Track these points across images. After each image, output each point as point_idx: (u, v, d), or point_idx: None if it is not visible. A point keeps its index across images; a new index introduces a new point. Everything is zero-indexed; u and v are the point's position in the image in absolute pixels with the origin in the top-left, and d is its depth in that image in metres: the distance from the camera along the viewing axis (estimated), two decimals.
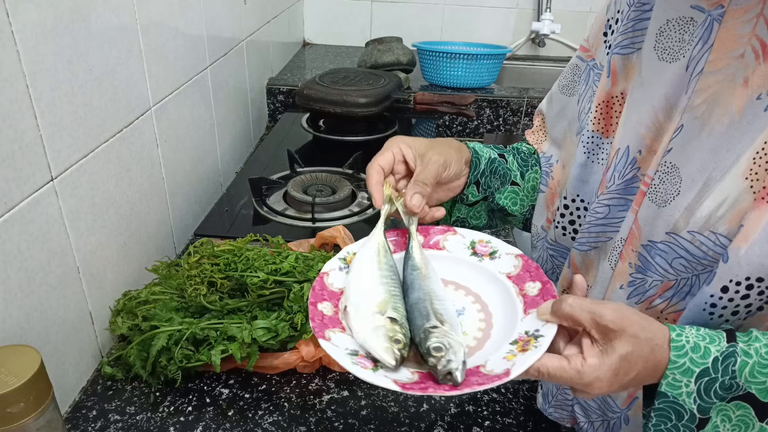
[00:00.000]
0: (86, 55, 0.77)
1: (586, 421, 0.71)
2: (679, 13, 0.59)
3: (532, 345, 0.52)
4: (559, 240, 0.77)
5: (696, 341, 0.50)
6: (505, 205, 0.79)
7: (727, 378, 0.48)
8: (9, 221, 0.63)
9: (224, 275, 0.85)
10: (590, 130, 0.70)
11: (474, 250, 0.66)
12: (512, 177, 0.79)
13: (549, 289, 0.58)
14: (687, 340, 0.50)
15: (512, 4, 2.23)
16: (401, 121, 1.61)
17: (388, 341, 0.52)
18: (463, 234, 0.67)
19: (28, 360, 0.59)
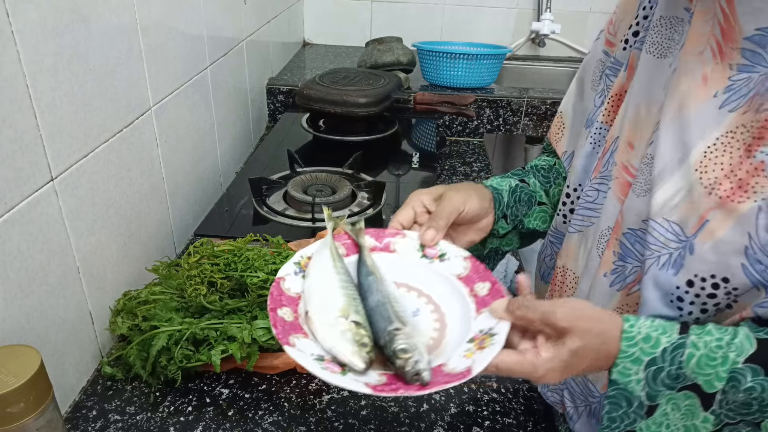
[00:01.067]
0: (86, 55, 0.77)
1: (572, 406, 0.72)
2: (673, 12, 0.61)
3: (489, 342, 0.54)
4: (559, 227, 0.79)
5: (648, 332, 0.52)
6: (535, 227, 0.81)
7: (674, 368, 0.51)
8: (9, 221, 0.63)
9: (224, 275, 0.85)
10: (599, 122, 0.72)
11: (424, 252, 0.67)
12: (538, 198, 0.81)
13: (498, 288, 0.60)
14: (639, 331, 0.52)
15: (512, 4, 2.23)
16: (401, 121, 1.61)
17: (355, 345, 0.53)
18: (413, 237, 0.68)
19: (28, 360, 0.59)
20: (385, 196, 1.18)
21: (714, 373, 0.50)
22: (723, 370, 0.50)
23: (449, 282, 0.63)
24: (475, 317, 0.58)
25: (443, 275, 0.64)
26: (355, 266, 0.64)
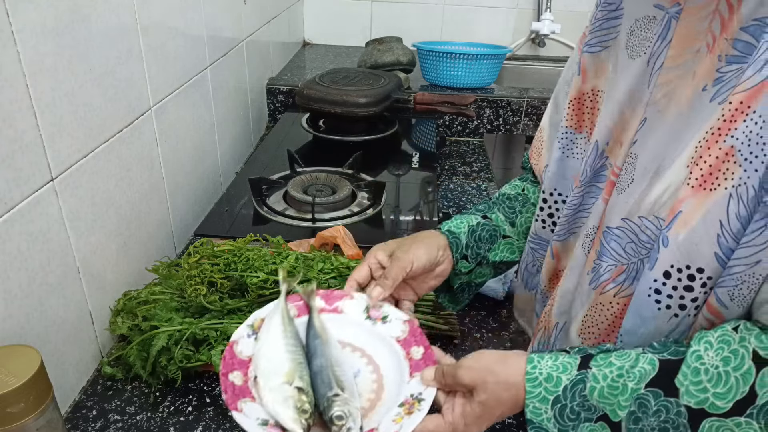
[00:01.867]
0: (86, 55, 0.77)
1: None
2: (644, 13, 0.62)
3: (416, 408, 0.59)
4: (539, 233, 0.79)
5: (549, 372, 0.55)
6: (503, 258, 0.82)
7: (576, 404, 0.53)
8: (9, 221, 0.63)
9: (224, 275, 0.85)
10: (564, 126, 0.74)
11: (369, 314, 0.71)
12: (501, 232, 0.82)
13: (430, 354, 0.65)
14: (540, 372, 0.56)
15: (512, 4, 2.23)
16: (401, 121, 1.61)
17: (296, 412, 0.58)
18: (360, 298, 0.72)
19: (28, 360, 0.59)
20: (385, 196, 1.18)
21: (616, 402, 0.52)
22: (623, 399, 0.52)
23: (388, 344, 0.68)
24: (408, 381, 0.63)
25: (383, 337, 0.69)
26: (305, 327, 0.68)
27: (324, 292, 0.73)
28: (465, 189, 1.43)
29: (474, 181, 1.48)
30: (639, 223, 0.59)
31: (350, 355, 0.67)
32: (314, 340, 0.65)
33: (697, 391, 0.49)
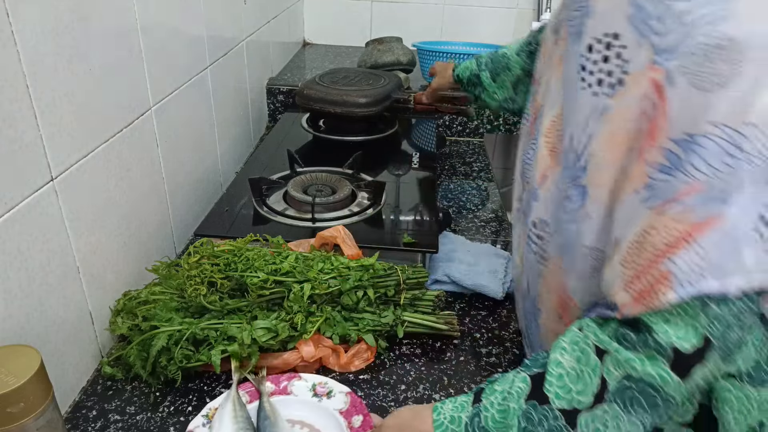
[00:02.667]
0: (86, 55, 0.77)
1: None
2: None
3: None
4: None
5: (451, 414, 0.62)
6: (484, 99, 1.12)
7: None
8: (9, 221, 0.63)
9: (224, 275, 0.85)
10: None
11: (315, 391, 0.78)
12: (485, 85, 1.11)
13: (368, 420, 0.73)
14: (444, 417, 0.62)
15: (512, 4, 2.23)
16: (401, 121, 1.61)
17: None
18: (306, 378, 0.80)
19: (28, 360, 0.59)
20: (385, 196, 1.18)
21: (508, 424, 0.58)
22: (510, 419, 0.58)
23: (333, 417, 0.74)
24: None
25: (328, 411, 0.75)
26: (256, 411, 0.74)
27: (273, 376, 0.80)
28: (465, 189, 1.43)
29: (474, 181, 1.48)
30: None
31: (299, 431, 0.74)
32: (264, 422, 0.72)
33: (564, 394, 0.56)
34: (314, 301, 0.86)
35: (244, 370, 0.79)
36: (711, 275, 0.49)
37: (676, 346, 0.51)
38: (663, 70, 0.50)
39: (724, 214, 0.48)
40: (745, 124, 0.47)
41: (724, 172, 0.48)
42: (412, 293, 0.91)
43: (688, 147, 0.49)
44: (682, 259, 0.49)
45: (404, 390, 0.82)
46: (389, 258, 0.95)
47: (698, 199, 0.49)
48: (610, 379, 0.54)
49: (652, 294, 0.51)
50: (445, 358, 0.88)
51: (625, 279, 0.54)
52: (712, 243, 0.48)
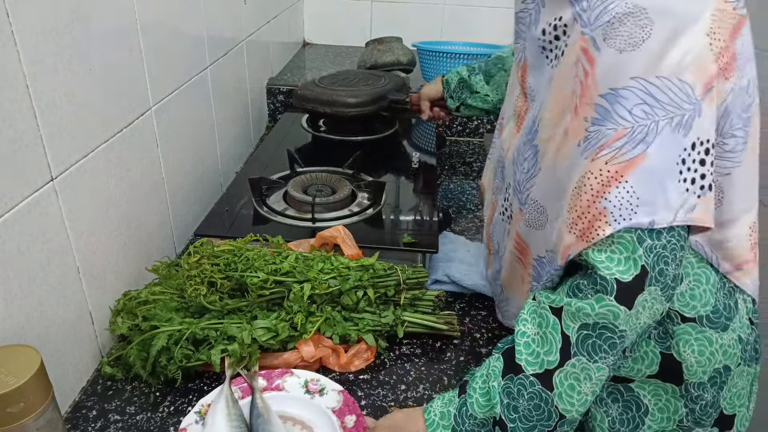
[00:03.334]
0: (86, 55, 0.77)
1: None
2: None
3: None
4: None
5: (441, 411, 0.67)
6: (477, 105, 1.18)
7: (468, 425, 0.64)
8: (9, 221, 0.63)
9: (224, 275, 0.85)
10: None
11: (307, 388, 0.78)
12: (475, 89, 1.17)
13: (361, 421, 0.73)
14: (435, 414, 0.67)
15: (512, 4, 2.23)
16: (401, 121, 1.61)
17: None
18: (299, 375, 0.80)
19: (28, 360, 0.59)
20: (385, 196, 1.18)
21: (490, 405, 0.63)
22: (493, 398, 0.63)
23: (325, 415, 0.75)
24: None
25: (321, 408, 0.75)
26: (249, 407, 0.74)
27: (266, 372, 0.80)
28: (465, 189, 1.43)
29: (474, 181, 1.48)
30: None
31: (291, 428, 0.74)
32: (257, 419, 0.72)
33: (533, 359, 0.61)
34: (314, 301, 0.86)
35: (237, 366, 0.79)
36: (641, 210, 0.56)
37: (617, 277, 0.57)
38: (589, 38, 0.59)
39: (647, 154, 0.56)
40: (657, 77, 0.55)
41: (642, 117, 0.56)
42: (412, 293, 0.91)
43: (613, 99, 0.57)
44: (615, 197, 0.57)
45: (404, 390, 0.82)
46: (389, 258, 0.95)
47: (624, 142, 0.56)
48: (570, 333, 0.60)
49: (592, 231, 0.58)
50: (445, 358, 0.88)
51: (568, 222, 0.61)
52: (638, 180, 0.56)
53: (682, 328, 0.65)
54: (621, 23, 0.56)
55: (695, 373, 0.66)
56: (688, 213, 0.57)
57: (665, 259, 0.57)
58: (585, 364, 0.59)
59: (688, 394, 0.67)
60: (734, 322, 0.66)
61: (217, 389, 0.77)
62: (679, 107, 0.55)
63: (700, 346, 0.65)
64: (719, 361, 0.66)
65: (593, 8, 0.59)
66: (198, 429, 0.72)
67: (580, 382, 0.59)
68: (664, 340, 0.66)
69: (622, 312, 0.57)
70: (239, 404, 0.74)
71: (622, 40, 0.56)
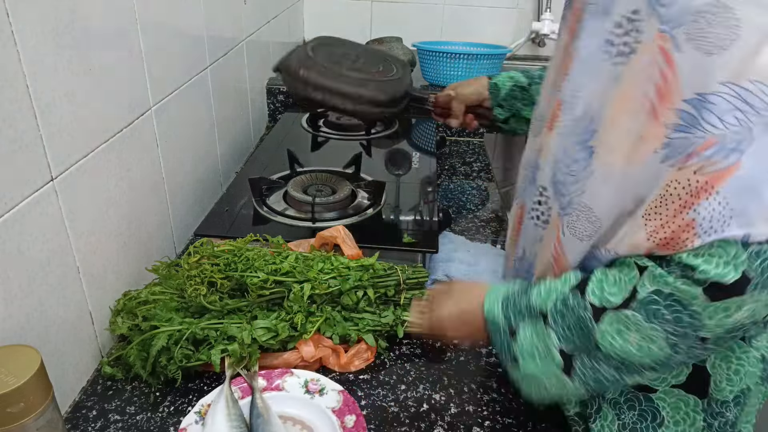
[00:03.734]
0: (86, 55, 0.77)
1: None
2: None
3: None
4: None
5: (504, 288, 0.70)
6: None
7: (520, 302, 0.67)
8: (9, 221, 0.63)
9: (224, 275, 0.85)
10: None
11: (307, 388, 0.78)
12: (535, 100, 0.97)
13: (361, 421, 0.73)
14: (498, 288, 0.71)
15: (512, 4, 2.23)
16: (401, 121, 1.61)
17: None
18: (299, 375, 0.80)
19: (28, 360, 0.59)
20: (385, 196, 1.18)
21: (549, 299, 0.65)
22: (552, 294, 0.65)
23: (325, 415, 0.74)
24: None
25: (321, 408, 0.75)
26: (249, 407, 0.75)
27: (266, 372, 0.80)
28: (465, 189, 1.43)
29: (474, 181, 1.48)
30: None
31: (291, 429, 0.74)
32: (257, 419, 0.72)
33: (598, 292, 0.61)
34: (314, 301, 0.86)
35: (237, 365, 0.80)
36: (735, 222, 0.52)
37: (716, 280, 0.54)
38: (669, 38, 0.54)
39: (741, 162, 0.52)
40: (749, 81, 0.51)
41: (735, 125, 0.52)
42: (412, 293, 0.91)
43: (700, 106, 0.53)
44: (706, 208, 0.53)
45: (404, 390, 0.82)
46: (389, 258, 0.95)
47: (715, 151, 0.53)
48: (642, 291, 0.58)
49: (678, 242, 0.55)
50: (445, 358, 0.88)
51: (648, 230, 0.57)
52: (731, 191, 0.52)
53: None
54: (707, 23, 0.52)
55: (722, 389, 0.63)
56: None
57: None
58: (639, 321, 0.58)
59: (710, 409, 0.65)
60: (758, 340, 0.64)
61: (217, 389, 0.77)
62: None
63: (738, 364, 0.63)
64: (745, 382, 0.64)
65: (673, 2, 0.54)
66: (198, 429, 0.72)
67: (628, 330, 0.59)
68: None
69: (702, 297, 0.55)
70: (239, 404, 0.74)
71: (707, 41, 0.52)
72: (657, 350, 0.58)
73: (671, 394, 0.65)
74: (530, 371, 0.65)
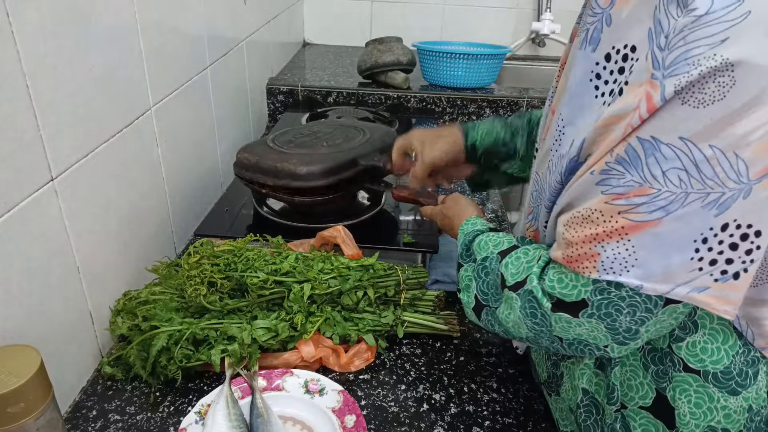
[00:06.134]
0: (86, 55, 0.77)
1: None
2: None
3: None
4: None
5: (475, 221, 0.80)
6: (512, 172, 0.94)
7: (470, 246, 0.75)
8: (9, 221, 0.63)
9: (224, 275, 0.85)
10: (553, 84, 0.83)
11: (307, 388, 0.79)
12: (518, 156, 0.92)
13: (361, 420, 0.73)
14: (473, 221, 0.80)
15: (512, 4, 2.23)
16: (401, 121, 1.61)
17: None
18: (299, 375, 0.80)
19: (28, 360, 0.59)
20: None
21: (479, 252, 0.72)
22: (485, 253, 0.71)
23: (325, 415, 0.75)
24: None
25: (321, 409, 0.75)
26: (249, 407, 0.75)
27: (266, 372, 0.80)
28: (465, 189, 1.43)
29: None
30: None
31: (291, 429, 0.74)
32: (257, 419, 0.72)
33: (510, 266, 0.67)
34: (314, 301, 0.86)
35: (237, 365, 0.80)
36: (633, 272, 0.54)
37: (558, 295, 0.60)
38: (658, 85, 0.50)
39: (662, 221, 0.52)
40: (709, 146, 0.49)
41: (675, 184, 0.51)
42: (412, 293, 0.91)
43: (650, 151, 0.51)
44: (612, 249, 0.55)
45: (404, 390, 0.82)
46: (389, 258, 0.95)
47: (644, 201, 0.52)
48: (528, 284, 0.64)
49: (580, 265, 0.58)
50: (445, 358, 0.88)
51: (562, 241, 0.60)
52: (642, 243, 0.53)
53: (681, 376, 0.61)
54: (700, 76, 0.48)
55: (687, 423, 0.61)
56: (693, 293, 0.53)
57: (617, 307, 0.56)
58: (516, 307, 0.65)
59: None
60: (748, 391, 0.60)
61: (217, 389, 0.77)
62: (721, 185, 0.50)
63: (698, 398, 0.61)
64: (717, 420, 0.61)
65: (672, 47, 0.49)
66: (198, 429, 0.72)
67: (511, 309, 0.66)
68: (662, 380, 0.62)
69: (547, 305, 0.61)
70: (239, 404, 0.74)
71: (694, 95, 0.49)
72: (525, 332, 0.65)
73: (640, 414, 0.64)
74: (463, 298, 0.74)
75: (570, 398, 0.71)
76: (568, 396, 0.71)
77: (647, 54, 0.52)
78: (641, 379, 0.63)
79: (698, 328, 0.61)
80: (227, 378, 0.77)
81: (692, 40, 0.48)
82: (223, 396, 0.74)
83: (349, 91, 1.76)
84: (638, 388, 0.64)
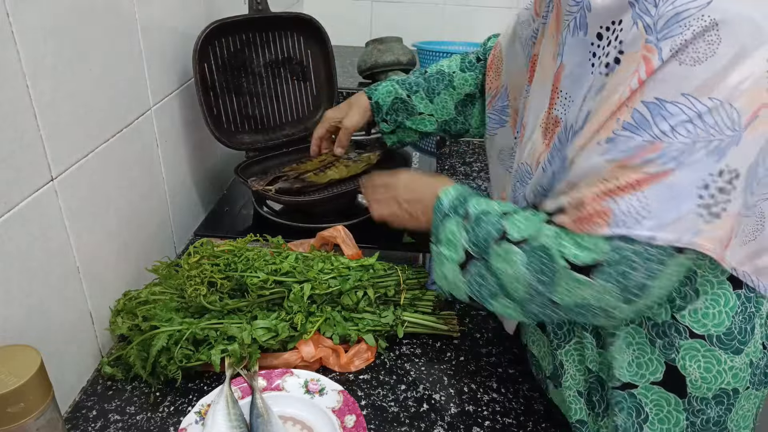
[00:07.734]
0: (86, 55, 0.77)
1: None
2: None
3: None
4: None
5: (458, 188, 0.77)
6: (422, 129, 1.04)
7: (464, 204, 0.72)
8: (9, 221, 0.63)
9: (224, 275, 0.85)
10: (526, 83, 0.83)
11: (307, 388, 0.79)
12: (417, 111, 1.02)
13: (361, 421, 0.73)
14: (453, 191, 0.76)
15: (512, 4, 2.23)
16: None
17: None
18: (299, 375, 0.80)
19: (28, 360, 0.59)
20: None
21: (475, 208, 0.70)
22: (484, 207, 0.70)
23: (325, 415, 0.75)
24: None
25: (321, 409, 0.75)
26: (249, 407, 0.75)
27: (266, 372, 0.80)
28: None
29: (474, 181, 1.48)
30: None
31: (291, 429, 0.74)
32: (257, 419, 0.72)
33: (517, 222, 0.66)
34: (314, 301, 0.86)
35: (237, 365, 0.80)
36: (646, 223, 0.56)
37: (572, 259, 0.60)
38: (654, 48, 0.55)
39: (674, 172, 0.55)
40: (709, 98, 0.54)
41: (684, 136, 0.54)
42: (412, 293, 0.91)
43: (656, 111, 0.55)
44: (625, 202, 0.56)
45: (404, 390, 0.82)
46: (389, 258, 0.95)
47: (655, 156, 0.55)
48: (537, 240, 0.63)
49: (590, 222, 0.59)
50: (445, 358, 0.88)
51: (568, 205, 0.61)
52: (655, 194, 0.55)
53: (689, 343, 0.64)
54: (693, 35, 0.53)
55: (699, 387, 0.64)
56: (693, 237, 0.56)
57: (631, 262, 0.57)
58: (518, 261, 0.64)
59: (691, 407, 0.65)
60: (748, 347, 0.65)
61: (217, 389, 0.77)
62: (720, 132, 0.54)
63: (707, 363, 0.64)
64: (727, 382, 0.64)
65: (662, 14, 0.55)
66: (198, 429, 0.72)
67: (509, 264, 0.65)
68: (670, 351, 0.64)
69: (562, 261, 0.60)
70: (239, 404, 0.74)
71: (688, 54, 0.53)
72: (521, 292, 0.65)
73: (651, 390, 0.66)
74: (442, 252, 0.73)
75: (578, 383, 0.72)
76: (575, 381, 0.72)
77: (632, 23, 0.57)
78: (650, 356, 0.66)
79: (699, 294, 0.64)
80: (227, 378, 0.77)
81: (681, 3, 0.54)
82: (223, 396, 0.74)
83: (349, 91, 1.76)
84: (647, 365, 0.66)
